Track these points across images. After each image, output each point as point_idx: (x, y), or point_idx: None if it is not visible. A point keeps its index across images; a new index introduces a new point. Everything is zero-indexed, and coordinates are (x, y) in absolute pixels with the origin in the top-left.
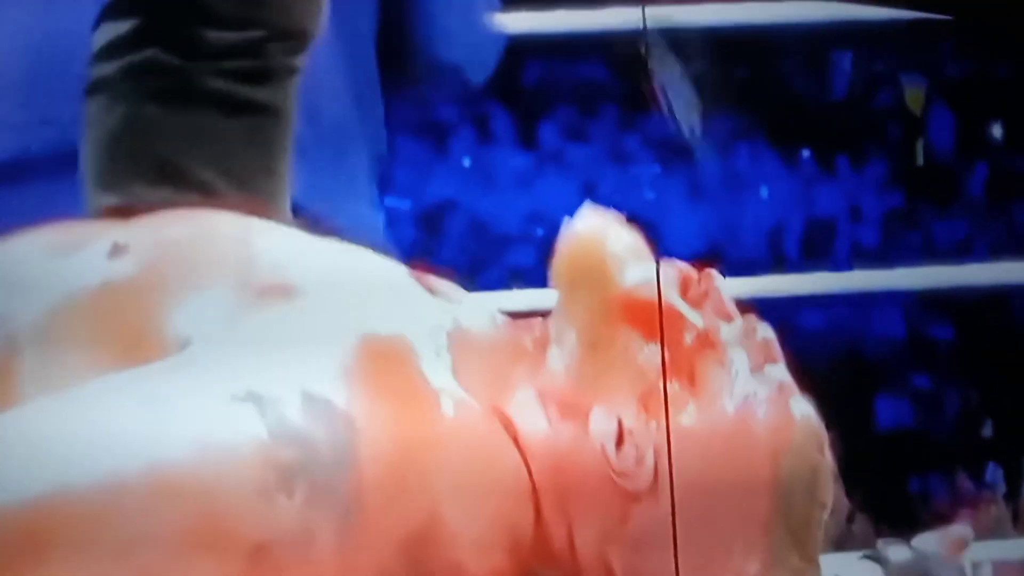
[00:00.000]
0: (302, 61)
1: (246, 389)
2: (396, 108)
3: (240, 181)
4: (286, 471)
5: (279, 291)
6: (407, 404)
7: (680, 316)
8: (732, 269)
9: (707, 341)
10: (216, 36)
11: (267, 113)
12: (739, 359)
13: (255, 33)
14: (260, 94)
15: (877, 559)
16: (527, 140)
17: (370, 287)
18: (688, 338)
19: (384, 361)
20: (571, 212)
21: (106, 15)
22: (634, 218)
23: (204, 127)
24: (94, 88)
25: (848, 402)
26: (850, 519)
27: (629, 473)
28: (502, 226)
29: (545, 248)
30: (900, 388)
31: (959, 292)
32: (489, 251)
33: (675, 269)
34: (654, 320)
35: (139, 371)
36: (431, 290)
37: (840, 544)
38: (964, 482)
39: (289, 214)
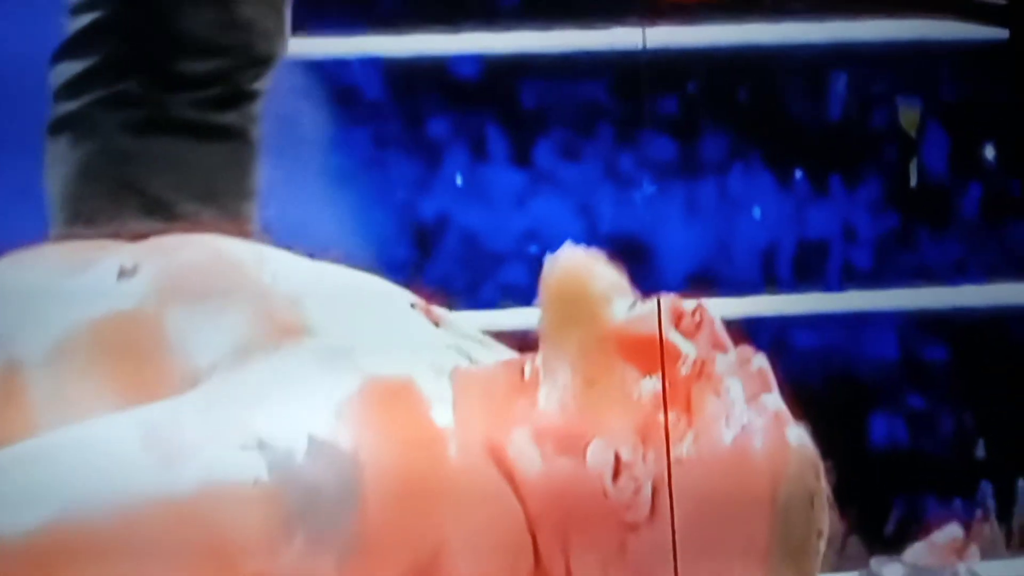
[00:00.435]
0: (267, 83)
1: (253, 436)
2: (387, 124)
3: (217, 205)
4: (288, 516)
5: (289, 330)
6: (411, 445)
7: (675, 348)
8: (725, 289)
9: (703, 371)
10: (189, 66)
11: (237, 137)
12: (735, 389)
13: (226, 62)
14: (230, 119)
15: None
16: (521, 159)
17: (377, 323)
18: (683, 369)
19: (390, 403)
20: (565, 231)
21: (63, 54)
22: (628, 238)
23: (179, 155)
24: (57, 126)
25: (842, 422)
26: (843, 545)
27: (627, 504)
28: (496, 244)
29: (539, 266)
30: (894, 408)
31: (953, 313)
32: (483, 269)
33: (668, 301)
34: (649, 353)
35: (151, 410)
36: (435, 321)
37: (835, 566)
38: (957, 502)
39: (260, 232)
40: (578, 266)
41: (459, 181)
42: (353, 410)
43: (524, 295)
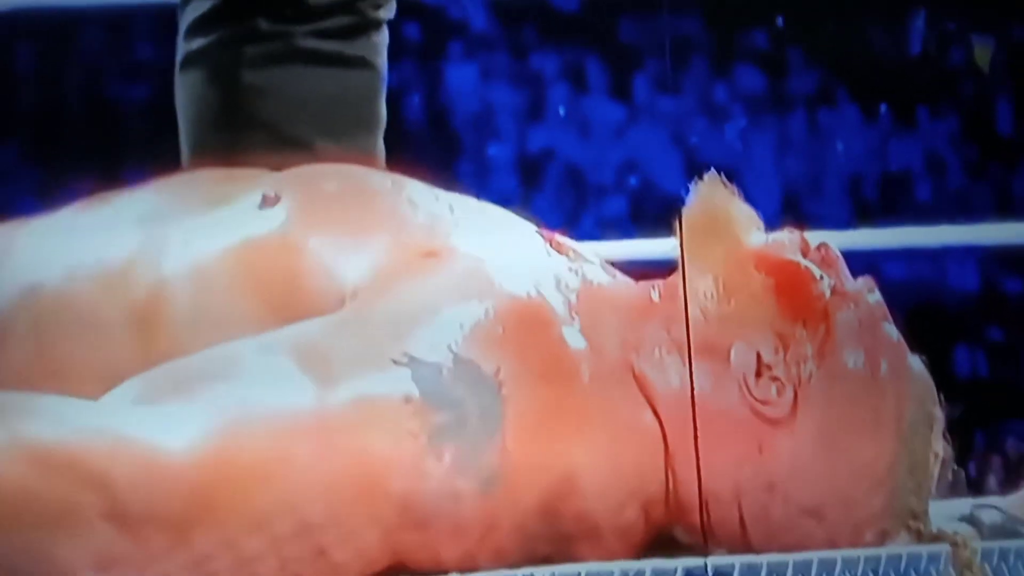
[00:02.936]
0: (391, 12)
1: (404, 352)
2: (492, 58)
3: (342, 138)
4: (436, 434)
5: (428, 253)
6: (549, 370)
7: (808, 272)
8: (814, 220)
9: (842, 293)
10: None
11: (364, 66)
12: (860, 314)
13: None
14: (356, 48)
15: (972, 521)
16: (620, 92)
17: (508, 247)
18: (817, 288)
19: (528, 325)
20: (663, 163)
21: None
22: (722, 170)
23: (306, 87)
24: (192, 60)
25: (927, 353)
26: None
27: (769, 401)
28: (596, 176)
29: (638, 198)
30: (975, 340)
31: None
32: (584, 200)
33: (795, 235)
34: (784, 273)
35: (302, 330)
36: (559, 249)
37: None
38: None
39: (384, 166)
40: (722, 193)
41: (562, 113)
42: (492, 331)
43: (624, 227)
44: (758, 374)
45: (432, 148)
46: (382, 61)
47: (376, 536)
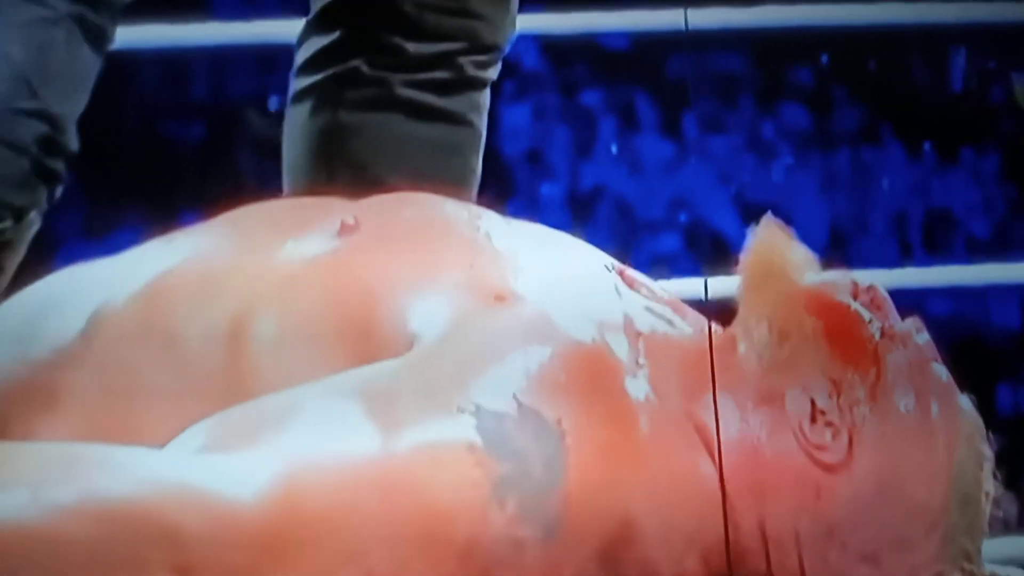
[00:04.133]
0: (492, 74)
1: (470, 399)
2: (546, 96)
3: (433, 188)
4: (500, 484)
5: (499, 295)
6: (609, 418)
7: (858, 315)
8: (859, 259)
9: (891, 336)
10: (416, 48)
11: (458, 123)
12: (912, 355)
13: (451, 46)
14: (452, 104)
15: None
16: (670, 129)
17: (577, 284)
18: (867, 333)
19: (590, 373)
20: (712, 200)
21: (310, 29)
22: (769, 207)
23: (399, 135)
24: (298, 97)
25: (972, 390)
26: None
27: (825, 446)
28: (647, 212)
29: (688, 235)
30: (1018, 378)
31: None
32: (635, 237)
33: (846, 276)
34: (835, 316)
35: (369, 375)
36: (630, 284)
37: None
38: None
39: None
40: (778, 236)
41: (614, 150)
42: (554, 378)
43: (675, 264)
44: (813, 420)
45: (485, 186)
46: (479, 119)
47: None
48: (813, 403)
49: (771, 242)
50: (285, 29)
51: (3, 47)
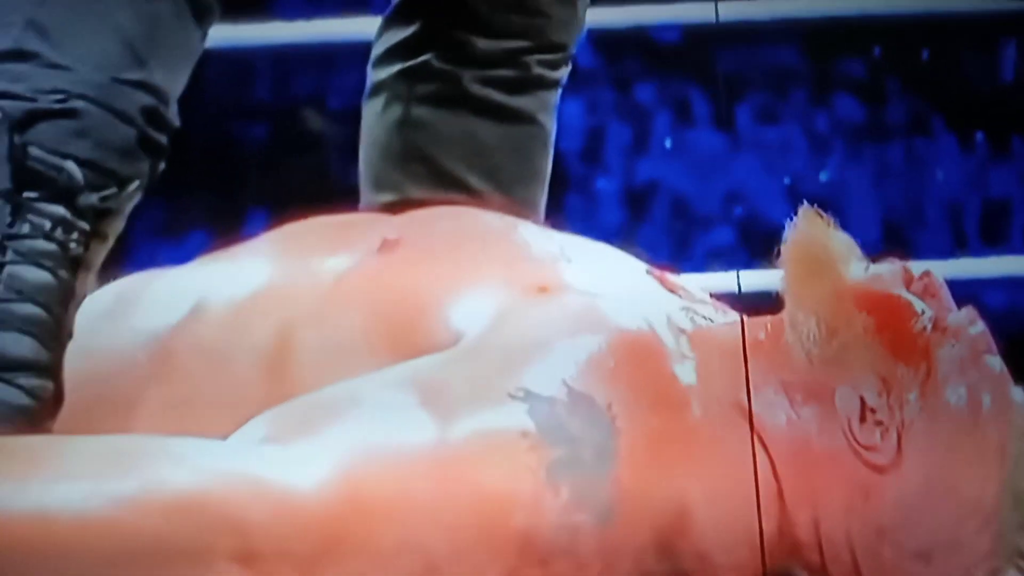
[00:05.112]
0: (561, 75)
1: (520, 386)
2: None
3: (501, 184)
4: (553, 469)
5: (542, 288)
6: (660, 403)
7: (910, 306)
8: (915, 250)
9: (942, 327)
10: (484, 44)
11: (526, 122)
12: (964, 347)
13: (519, 44)
14: (521, 103)
15: None
16: (723, 122)
17: (620, 285)
18: (918, 324)
19: (639, 359)
20: (767, 193)
21: (388, 23)
22: (824, 199)
23: (468, 131)
24: (373, 91)
25: None
26: None
27: (874, 446)
28: (702, 207)
29: (743, 229)
30: None
31: None
32: (690, 232)
33: (897, 265)
34: (889, 309)
35: (422, 366)
36: (670, 288)
37: None
38: None
39: (543, 220)
40: (819, 227)
41: (668, 144)
42: (604, 364)
43: (730, 258)
44: (862, 419)
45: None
46: (548, 119)
47: (498, 573)
48: (863, 401)
49: (813, 233)
50: (347, 27)
51: (113, 15)
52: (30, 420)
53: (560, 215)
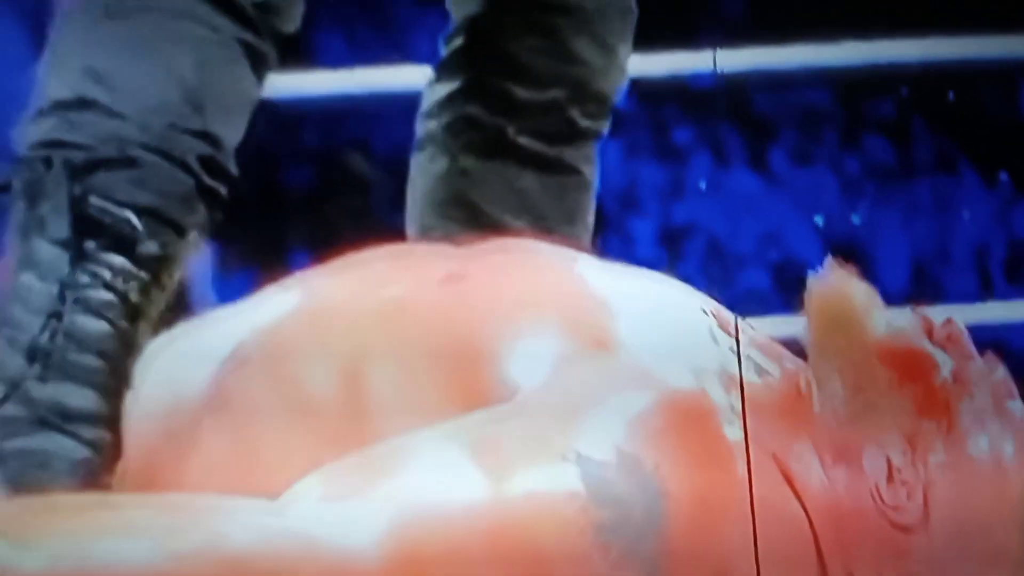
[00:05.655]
0: (603, 126)
1: (571, 448)
2: (637, 135)
3: (544, 231)
4: (602, 530)
5: (598, 341)
6: (708, 466)
7: (931, 360)
8: (942, 292)
9: (961, 379)
10: (525, 94)
11: (569, 172)
12: (984, 397)
13: (559, 93)
14: (563, 153)
15: None
16: (757, 164)
17: (673, 328)
18: (939, 377)
19: (687, 418)
20: (801, 235)
21: (438, 75)
22: (855, 242)
23: (511, 181)
24: (422, 143)
25: None
26: None
27: (901, 507)
28: (737, 248)
29: (778, 272)
30: None
31: None
32: (726, 273)
33: (918, 315)
34: (911, 364)
35: (475, 423)
36: (724, 327)
37: None
38: None
39: None
40: (841, 282)
41: (703, 186)
42: (653, 424)
43: (766, 301)
44: (889, 479)
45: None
46: (590, 168)
47: None
48: (889, 462)
49: (837, 286)
50: (388, 77)
51: (171, 63)
52: (89, 472)
53: (600, 255)
